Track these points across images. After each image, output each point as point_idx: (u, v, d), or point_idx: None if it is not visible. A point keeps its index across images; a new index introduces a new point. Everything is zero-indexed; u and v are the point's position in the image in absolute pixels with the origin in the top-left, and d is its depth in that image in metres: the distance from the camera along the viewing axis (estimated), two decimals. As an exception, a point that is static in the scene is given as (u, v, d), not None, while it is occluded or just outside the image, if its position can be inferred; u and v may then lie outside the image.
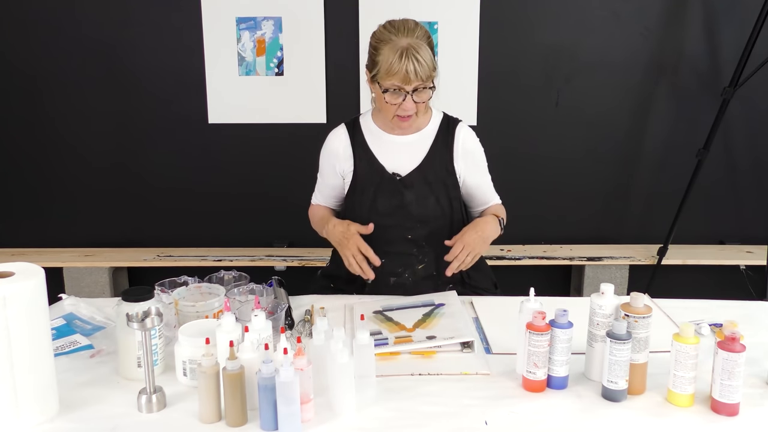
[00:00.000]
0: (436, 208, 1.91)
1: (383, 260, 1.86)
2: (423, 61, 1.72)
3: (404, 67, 1.71)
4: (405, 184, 1.90)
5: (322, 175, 2.04)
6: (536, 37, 3.09)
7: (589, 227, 3.29)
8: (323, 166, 2.02)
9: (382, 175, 1.91)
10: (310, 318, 1.70)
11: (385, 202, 1.90)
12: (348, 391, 1.29)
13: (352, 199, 1.95)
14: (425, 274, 1.94)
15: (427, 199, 1.90)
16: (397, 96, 1.77)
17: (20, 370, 1.21)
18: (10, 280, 1.20)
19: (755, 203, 3.25)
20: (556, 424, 1.28)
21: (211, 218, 3.25)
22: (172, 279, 1.71)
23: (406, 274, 1.94)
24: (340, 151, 1.95)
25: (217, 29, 3.04)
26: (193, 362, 1.35)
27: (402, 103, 1.77)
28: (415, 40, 1.74)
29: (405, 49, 1.72)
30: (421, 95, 1.78)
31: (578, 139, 3.18)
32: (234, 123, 3.14)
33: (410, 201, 1.90)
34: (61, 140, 3.17)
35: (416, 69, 1.71)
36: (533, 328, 1.35)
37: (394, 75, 1.73)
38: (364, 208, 1.91)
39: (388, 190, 1.90)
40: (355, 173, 1.93)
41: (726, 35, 3.06)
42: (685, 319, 1.64)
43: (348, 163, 1.94)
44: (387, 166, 1.91)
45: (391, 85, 1.75)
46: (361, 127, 1.95)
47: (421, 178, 1.90)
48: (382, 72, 1.75)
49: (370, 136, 1.94)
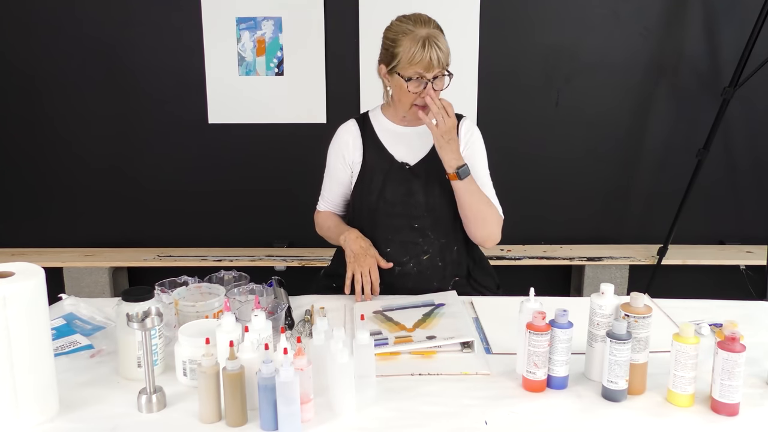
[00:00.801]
0: (443, 197, 1.93)
1: (388, 249, 1.92)
2: (444, 48, 1.81)
3: (428, 55, 1.78)
4: (414, 173, 1.94)
5: (329, 172, 2.05)
6: (536, 37, 3.09)
7: (589, 227, 3.30)
8: (331, 159, 2.03)
9: (391, 164, 1.95)
10: (310, 318, 1.70)
11: (394, 189, 1.94)
12: (348, 391, 1.29)
13: (360, 187, 1.98)
14: (430, 264, 1.96)
15: (434, 187, 1.93)
16: (418, 84, 1.82)
17: (20, 370, 1.21)
18: (10, 280, 1.20)
19: (755, 203, 3.25)
20: (556, 424, 1.28)
21: (211, 218, 3.25)
22: (172, 279, 1.71)
23: (411, 263, 1.95)
24: (350, 141, 1.99)
25: (217, 29, 3.04)
26: (193, 362, 1.35)
27: (422, 91, 1.83)
28: (432, 30, 1.82)
29: (426, 38, 1.79)
30: (439, 83, 1.84)
31: (578, 139, 3.18)
32: (234, 123, 3.14)
33: (418, 189, 1.93)
34: (61, 140, 3.17)
35: (438, 56, 1.79)
36: (533, 328, 1.35)
37: (417, 63, 1.79)
38: (372, 195, 1.95)
39: (397, 178, 1.94)
40: (364, 162, 1.97)
41: (726, 35, 3.06)
42: (685, 319, 1.64)
43: (357, 152, 1.98)
44: (396, 156, 1.95)
45: (414, 73, 1.81)
46: (371, 121, 2.00)
47: (429, 167, 1.93)
48: (404, 62, 1.81)
49: (380, 128, 1.99)
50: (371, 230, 1.95)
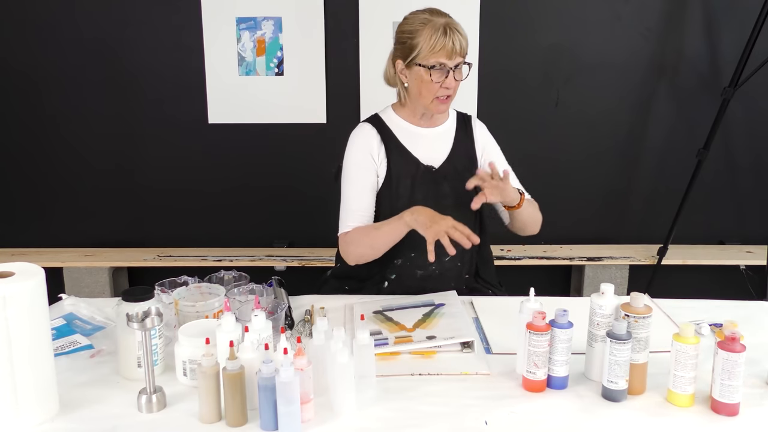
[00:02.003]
0: (467, 198, 1.88)
1: (413, 254, 1.88)
2: (464, 35, 1.82)
3: (450, 42, 1.78)
4: (441, 174, 1.92)
5: (357, 182, 1.90)
6: (536, 37, 3.09)
7: (589, 227, 3.30)
8: (358, 166, 1.90)
9: (417, 167, 1.91)
10: (310, 318, 1.70)
11: (423, 193, 1.90)
12: (348, 391, 1.29)
13: (388, 193, 1.91)
14: (451, 265, 1.94)
15: (460, 189, 1.88)
16: (441, 74, 1.81)
17: (20, 370, 1.21)
18: (10, 280, 1.20)
19: (755, 203, 3.25)
20: (556, 424, 1.28)
21: (211, 218, 3.25)
22: (172, 279, 1.71)
23: (433, 266, 1.90)
24: (374, 145, 1.91)
25: (217, 29, 3.05)
26: (193, 362, 1.35)
27: (444, 81, 1.81)
28: (450, 19, 1.83)
29: (446, 25, 1.79)
30: (459, 73, 1.83)
31: (578, 139, 3.18)
32: (234, 123, 3.14)
33: (447, 193, 1.91)
34: (61, 140, 3.17)
35: (460, 42, 1.79)
36: (533, 328, 1.35)
37: (439, 51, 1.78)
38: (402, 200, 1.88)
39: (425, 181, 1.91)
40: (389, 167, 1.91)
41: (726, 35, 3.06)
42: (685, 319, 1.64)
43: (382, 156, 1.91)
44: (421, 159, 1.92)
45: (437, 62, 1.79)
46: (385, 123, 1.95)
47: (452, 168, 1.93)
48: (425, 51, 1.79)
49: (398, 129, 1.94)
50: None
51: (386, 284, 1.94)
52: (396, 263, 1.92)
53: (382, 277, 1.94)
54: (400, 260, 1.91)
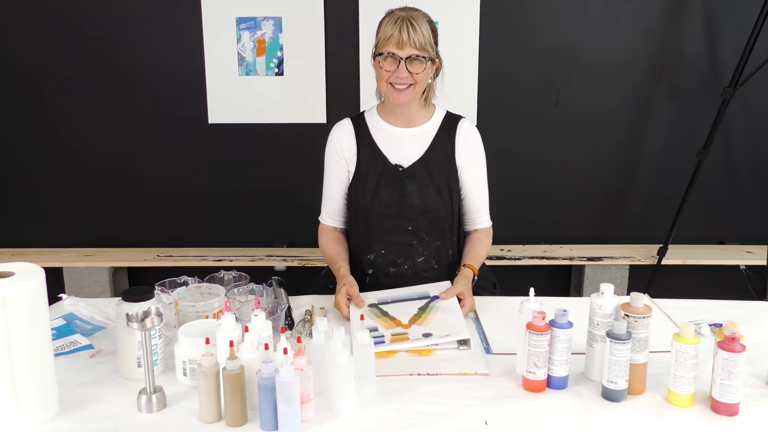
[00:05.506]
0: (437, 198, 1.93)
1: (383, 250, 1.94)
2: (418, 30, 1.81)
3: (398, 31, 1.80)
4: (407, 174, 1.93)
5: (329, 173, 2.02)
6: (536, 37, 3.09)
7: (589, 227, 3.29)
8: (329, 159, 2.01)
9: (384, 165, 1.94)
10: (310, 318, 1.70)
11: (388, 191, 1.94)
12: (348, 391, 1.29)
13: (356, 188, 1.97)
14: (425, 266, 1.97)
15: (429, 189, 1.93)
16: (392, 63, 1.83)
17: (20, 370, 1.21)
18: (10, 280, 1.20)
19: (755, 203, 3.25)
20: (556, 424, 1.28)
21: (211, 218, 3.25)
22: (172, 279, 1.71)
23: (405, 265, 1.96)
24: (345, 140, 1.98)
25: (217, 29, 3.05)
26: (193, 362, 1.35)
27: (396, 70, 1.83)
28: (414, 14, 1.84)
29: (401, 18, 1.82)
30: (415, 65, 1.83)
31: (578, 139, 3.18)
32: (234, 123, 3.14)
33: (412, 191, 1.93)
34: (62, 140, 3.17)
35: (410, 34, 1.80)
36: (533, 328, 1.35)
37: (388, 40, 1.82)
38: (367, 196, 1.94)
39: (390, 180, 1.94)
40: (358, 163, 1.96)
41: (726, 35, 3.06)
42: (685, 319, 1.64)
43: (352, 151, 1.97)
44: (390, 158, 1.95)
45: (387, 51, 1.82)
46: (365, 120, 2.00)
47: (423, 168, 1.93)
48: (381, 41, 1.85)
49: (374, 128, 1.98)
50: (366, 231, 1.96)
51: (368, 279, 1.99)
52: (369, 258, 1.98)
53: (362, 271, 1.99)
54: (372, 255, 1.97)
